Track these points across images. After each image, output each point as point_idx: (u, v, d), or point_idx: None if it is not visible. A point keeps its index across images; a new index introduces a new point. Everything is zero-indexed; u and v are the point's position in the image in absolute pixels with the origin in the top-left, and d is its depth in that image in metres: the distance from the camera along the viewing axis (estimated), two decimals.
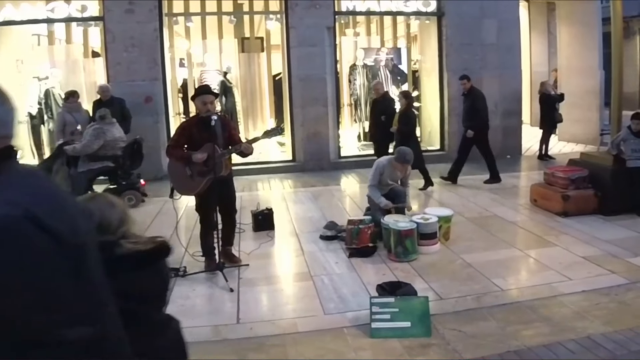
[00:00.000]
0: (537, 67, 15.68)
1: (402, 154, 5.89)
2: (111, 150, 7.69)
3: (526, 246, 5.44)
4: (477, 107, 8.63)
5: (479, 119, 8.63)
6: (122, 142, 7.83)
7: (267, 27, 11.18)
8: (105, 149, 7.65)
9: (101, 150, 7.62)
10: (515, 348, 3.37)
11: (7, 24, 10.02)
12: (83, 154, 7.61)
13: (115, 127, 7.84)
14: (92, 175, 7.75)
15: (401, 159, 5.85)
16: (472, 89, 8.86)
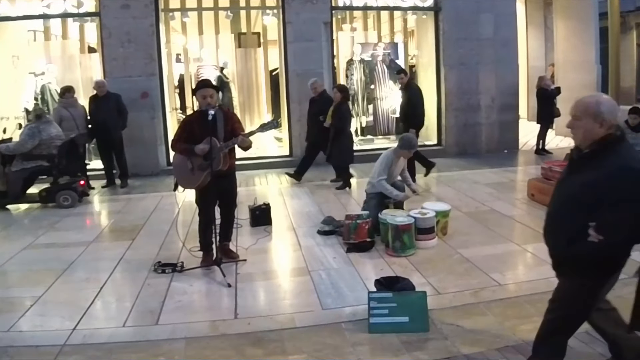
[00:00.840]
0: (534, 61, 15.70)
1: (407, 141, 5.88)
2: (46, 149, 7.62)
3: (524, 241, 5.44)
4: (414, 102, 8.45)
5: (417, 115, 8.47)
6: (59, 141, 7.75)
7: (264, 22, 11.15)
8: (40, 148, 7.58)
9: (36, 149, 7.56)
10: (514, 343, 3.37)
11: (3, 19, 10.00)
12: (17, 152, 7.57)
13: (52, 126, 7.80)
14: (27, 175, 7.67)
15: (408, 146, 5.84)
16: (409, 83, 8.69)
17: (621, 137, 2.50)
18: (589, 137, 2.51)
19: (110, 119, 8.61)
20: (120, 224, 6.76)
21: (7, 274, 5.06)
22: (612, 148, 2.46)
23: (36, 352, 3.50)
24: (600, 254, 2.40)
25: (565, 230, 2.57)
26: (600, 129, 2.48)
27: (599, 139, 2.48)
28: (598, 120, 2.48)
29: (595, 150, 2.49)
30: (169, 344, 3.58)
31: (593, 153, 2.50)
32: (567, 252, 2.58)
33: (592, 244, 2.37)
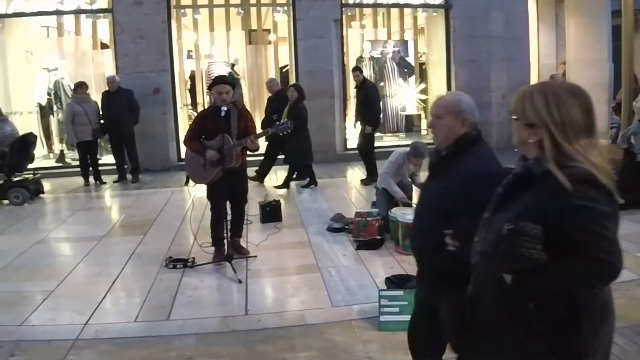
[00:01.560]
0: (545, 59, 15.54)
1: (414, 148, 5.84)
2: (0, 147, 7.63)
3: None
4: (370, 100, 8.29)
5: (373, 113, 8.33)
6: (12, 139, 7.77)
7: (274, 19, 11.16)
8: None
9: None
10: None
11: (17, 15, 10.10)
12: None
13: (7, 124, 7.87)
14: None
15: (413, 153, 5.81)
16: (365, 81, 8.53)
17: (477, 137, 2.37)
18: (451, 136, 2.36)
19: (122, 114, 8.67)
20: (132, 218, 6.81)
21: (20, 268, 5.10)
22: (469, 148, 2.33)
23: (48, 347, 3.52)
24: (457, 264, 2.05)
25: (429, 239, 2.36)
26: (461, 128, 2.35)
27: (456, 139, 2.34)
28: (460, 118, 2.35)
29: (453, 151, 2.35)
30: (179, 340, 3.60)
31: (451, 155, 2.36)
32: (431, 262, 2.40)
33: (450, 252, 2.13)
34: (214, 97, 4.88)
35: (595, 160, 1.57)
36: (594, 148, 1.61)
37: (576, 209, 1.52)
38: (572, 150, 1.58)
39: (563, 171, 1.54)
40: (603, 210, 1.52)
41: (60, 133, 10.33)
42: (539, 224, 1.54)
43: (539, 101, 1.64)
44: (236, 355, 3.38)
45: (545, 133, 1.62)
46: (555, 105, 1.62)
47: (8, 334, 3.70)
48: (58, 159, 10.47)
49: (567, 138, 1.59)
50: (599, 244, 1.51)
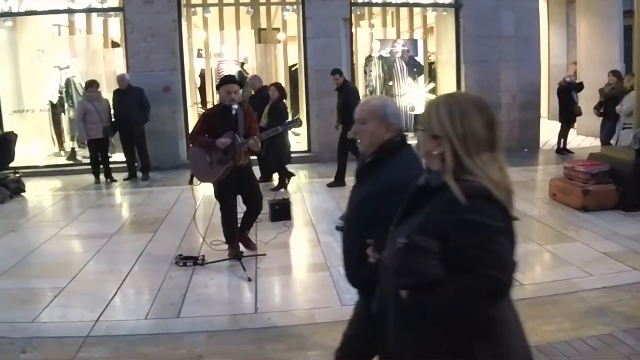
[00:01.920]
0: (555, 59, 15.50)
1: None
2: None
3: (545, 241, 5.38)
4: (349, 103, 7.84)
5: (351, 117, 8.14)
6: None
7: (284, 18, 11.16)
8: None
9: None
10: (536, 343, 3.31)
11: (28, 14, 10.17)
12: None
13: None
14: None
15: None
16: (344, 83, 8.36)
17: (402, 143, 2.27)
18: (376, 142, 2.24)
19: (132, 112, 8.72)
20: (142, 216, 6.84)
21: (32, 265, 5.13)
22: (392, 155, 2.21)
23: (59, 344, 3.54)
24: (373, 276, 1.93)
25: (351, 248, 2.25)
26: (386, 134, 2.23)
27: (380, 145, 2.23)
28: (384, 124, 2.24)
29: (376, 158, 2.24)
30: (190, 337, 3.61)
31: (375, 161, 2.24)
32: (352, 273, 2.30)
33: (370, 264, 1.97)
34: (222, 96, 4.89)
35: (495, 176, 1.54)
36: (495, 163, 1.58)
37: (469, 224, 1.48)
38: (472, 165, 1.55)
39: (460, 184, 1.51)
40: (496, 225, 1.49)
41: (71, 131, 10.39)
42: (436, 237, 1.50)
43: (443, 113, 1.60)
44: (246, 353, 3.39)
45: (448, 146, 1.57)
46: (459, 117, 1.58)
47: (20, 331, 3.72)
48: (69, 157, 10.53)
49: (468, 152, 1.56)
50: (490, 260, 1.47)
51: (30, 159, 10.22)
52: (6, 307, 4.13)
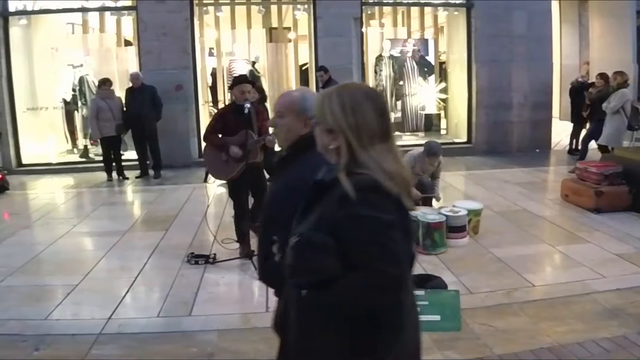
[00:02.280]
0: (567, 59, 15.38)
1: (429, 147, 5.84)
2: None
3: (557, 242, 5.34)
4: None
5: None
6: None
7: (295, 17, 11.17)
8: None
9: None
10: (548, 345, 3.32)
11: (43, 12, 10.26)
12: None
13: None
14: None
15: (427, 153, 5.80)
16: (329, 81, 8.23)
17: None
18: (291, 137, 2.09)
19: (144, 110, 8.76)
20: (154, 214, 6.87)
21: (45, 262, 5.17)
22: (305, 152, 2.00)
23: (72, 341, 3.56)
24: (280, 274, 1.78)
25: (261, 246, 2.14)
26: (303, 129, 2.06)
27: (295, 141, 2.07)
28: (302, 118, 2.07)
29: (290, 153, 2.10)
30: (202, 335, 3.62)
31: (288, 157, 2.11)
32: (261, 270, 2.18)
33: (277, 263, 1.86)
34: (236, 96, 4.90)
35: (390, 167, 1.50)
36: (390, 153, 1.54)
37: (359, 218, 1.44)
38: (366, 157, 1.50)
39: (351, 179, 1.47)
40: (387, 219, 1.44)
41: (84, 128, 10.47)
42: (330, 234, 1.46)
43: (335, 105, 1.55)
44: (257, 352, 3.39)
45: (342, 138, 1.53)
46: (351, 108, 1.54)
47: (32, 328, 3.74)
48: (82, 154, 10.61)
49: (362, 143, 1.51)
50: (381, 254, 1.42)
51: (43, 157, 10.31)
52: (19, 305, 4.16)
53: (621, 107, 7.85)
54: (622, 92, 7.87)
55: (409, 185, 1.56)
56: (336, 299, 1.47)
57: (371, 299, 1.45)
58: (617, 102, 7.82)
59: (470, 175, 8.84)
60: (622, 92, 7.87)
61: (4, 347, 3.49)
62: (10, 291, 4.42)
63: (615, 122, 7.90)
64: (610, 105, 7.90)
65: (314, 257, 1.46)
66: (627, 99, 7.86)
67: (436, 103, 12.08)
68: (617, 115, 7.87)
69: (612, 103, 7.90)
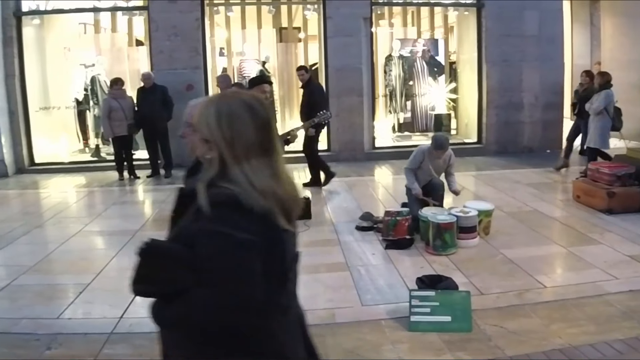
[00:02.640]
0: (579, 59, 15.25)
1: (435, 140, 5.82)
2: None
3: (569, 243, 5.32)
4: (313, 101, 7.71)
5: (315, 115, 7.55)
6: None
7: (305, 17, 11.19)
8: None
9: None
10: (560, 346, 3.31)
11: (55, 12, 10.35)
12: None
13: None
14: None
15: (435, 146, 5.77)
16: (309, 81, 8.07)
17: None
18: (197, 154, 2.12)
19: (156, 110, 8.81)
20: (165, 213, 6.81)
21: (57, 261, 5.22)
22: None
23: (84, 340, 3.58)
24: None
25: None
26: None
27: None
28: None
29: (193, 166, 2.01)
30: None
31: (192, 169, 2.02)
32: None
33: None
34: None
35: (262, 183, 1.43)
36: (268, 169, 1.47)
37: (209, 234, 1.38)
38: (237, 171, 1.44)
39: (210, 192, 1.41)
40: (240, 237, 1.37)
41: (95, 128, 10.56)
42: (186, 245, 1.41)
43: (211, 115, 1.48)
44: None
45: (215, 150, 1.47)
46: (227, 120, 1.46)
47: (45, 327, 3.77)
48: (93, 154, 10.69)
49: (235, 157, 1.45)
50: (229, 273, 1.37)
51: (55, 156, 10.40)
52: (32, 303, 4.19)
53: (604, 108, 7.81)
54: (605, 92, 7.82)
55: (287, 203, 1.49)
56: (177, 312, 1.43)
57: (215, 316, 1.40)
58: (600, 103, 7.79)
59: (481, 175, 8.81)
60: (606, 92, 7.82)
61: (18, 346, 3.51)
62: (22, 290, 4.46)
63: (599, 123, 7.86)
64: (593, 106, 7.89)
65: (159, 268, 1.42)
66: (610, 100, 7.83)
67: (446, 103, 12.05)
68: (600, 116, 7.85)
69: (594, 104, 7.88)
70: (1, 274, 4.84)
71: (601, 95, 7.81)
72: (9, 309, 4.09)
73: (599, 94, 7.87)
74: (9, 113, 9.61)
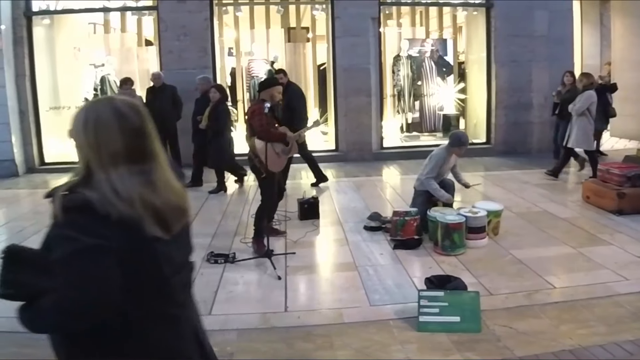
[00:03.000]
0: (588, 59, 15.18)
1: (456, 138, 5.78)
2: None
3: (579, 244, 5.29)
4: (292, 106, 7.54)
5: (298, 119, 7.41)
6: None
7: (313, 17, 11.20)
8: None
9: None
10: (570, 347, 3.29)
11: (65, 12, 10.40)
12: None
13: None
14: None
15: (457, 143, 5.73)
16: (289, 84, 7.85)
17: None
18: None
19: (165, 109, 8.83)
20: None
21: None
22: None
23: None
24: None
25: None
26: None
27: None
28: None
29: None
30: (221, 335, 3.61)
31: None
32: None
33: None
34: (274, 96, 5.11)
35: (128, 190, 1.40)
36: (139, 176, 1.44)
37: (58, 238, 1.37)
38: (101, 177, 1.40)
39: (66, 197, 1.38)
40: (87, 242, 1.34)
41: None
42: (48, 250, 1.39)
43: (80, 121, 1.46)
44: (276, 352, 3.40)
45: (82, 155, 1.45)
46: (93, 126, 1.44)
47: None
48: None
49: (100, 163, 1.42)
50: (72, 279, 1.34)
51: (66, 155, 10.44)
52: None
53: (587, 109, 7.78)
54: (587, 94, 7.80)
55: (164, 211, 1.46)
56: (27, 316, 1.43)
57: (59, 322, 1.39)
58: (582, 104, 7.77)
59: (489, 176, 8.79)
60: (588, 94, 7.80)
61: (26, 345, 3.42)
62: None
63: (582, 123, 7.83)
64: (576, 107, 7.86)
65: (18, 271, 1.41)
66: (592, 101, 7.81)
67: (455, 103, 12.02)
68: (582, 117, 7.82)
69: (577, 105, 7.85)
70: None
71: (583, 96, 7.83)
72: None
73: (581, 95, 7.90)
74: (19, 113, 9.68)
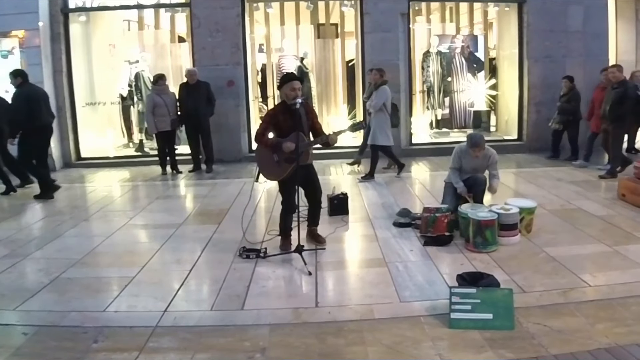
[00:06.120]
0: (623, 55, 14.79)
1: (469, 138, 5.78)
2: None
3: (615, 242, 5.18)
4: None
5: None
6: None
7: (342, 13, 11.19)
8: None
9: None
10: (606, 346, 3.23)
11: (100, 9, 10.63)
12: None
13: None
14: None
15: (469, 144, 5.73)
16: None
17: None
18: None
19: (200, 106, 8.98)
20: (207, 207, 7.04)
21: (103, 254, 5.33)
22: None
23: (130, 333, 3.62)
24: None
25: None
26: None
27: None
28: None
29: None
30: (254, 330, 3.64)
31: None
32: None
33: None
34: (287, 94, 4.89)
35: None
36: None
37: None
38: None
39: None
40: None
41: (139, 123, 10.82)
42: None
43: None
44: (308, 347, 3.41)
45: None
46: None
47: (92, 320, 3.82)
48: (137, 149, 10.96)
49: None
50: None
51: (101, 150, 10.71)
52: (80, 296, 4.27)
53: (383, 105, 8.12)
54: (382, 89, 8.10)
55: None
56: None
57: None
58: (379, 100, 7.99)
59: (522, 173, 8.67)
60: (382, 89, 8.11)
61: (66, 338, 3.56)
62: (71, 283, 4.56)
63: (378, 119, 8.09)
64: (373, 103, 8.10)
65: None
66: (387, 96, 8.08)
67: (486, 100, 11.88)
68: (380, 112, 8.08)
69: (373, 101, 8.04)
70: (50, 266, 4.95)
71: (378, 92, 7.85)
72: (58, 302, 4.18)
73: (376, 91, 7.94)
74: (56, 109, 9.92)
